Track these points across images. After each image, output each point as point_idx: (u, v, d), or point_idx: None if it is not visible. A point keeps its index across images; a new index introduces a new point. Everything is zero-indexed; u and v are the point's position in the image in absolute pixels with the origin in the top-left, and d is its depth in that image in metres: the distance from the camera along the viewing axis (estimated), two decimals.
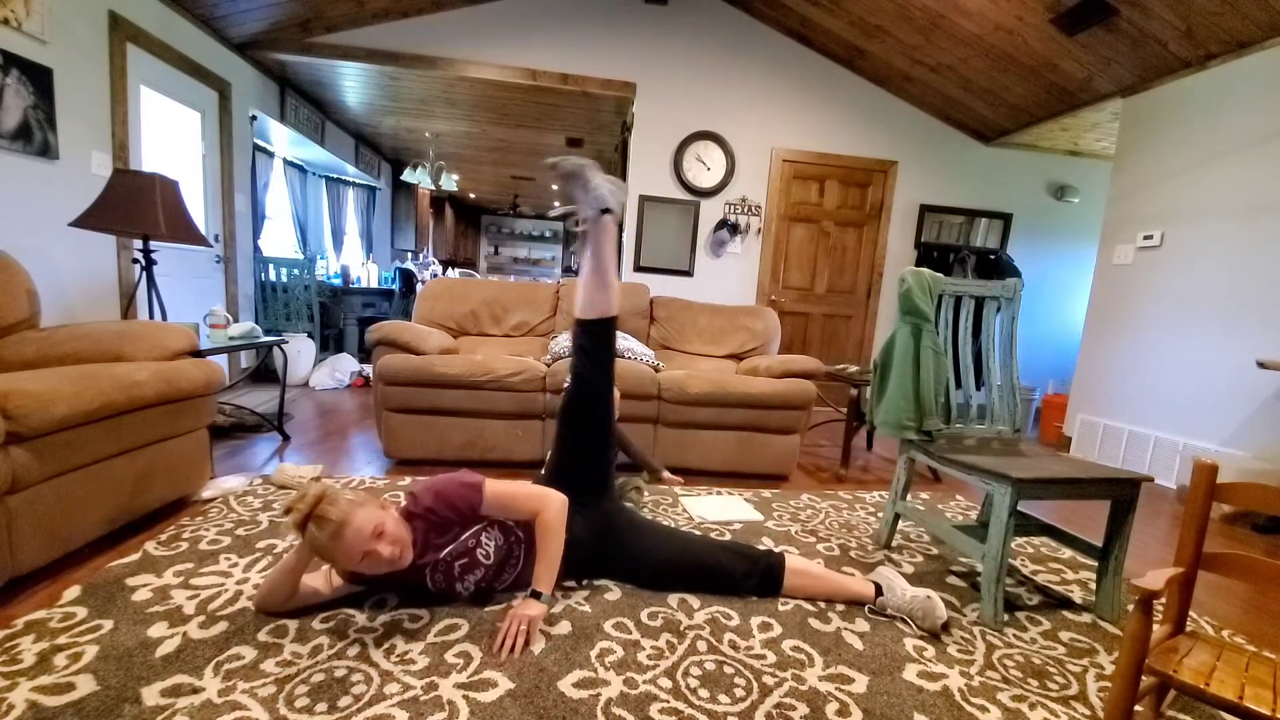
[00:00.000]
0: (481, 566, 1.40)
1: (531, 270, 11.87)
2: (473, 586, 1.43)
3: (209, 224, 3.85)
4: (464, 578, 1.40)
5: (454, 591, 1.41)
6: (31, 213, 2.59)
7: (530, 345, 3.13)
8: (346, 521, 1.19)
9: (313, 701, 1.07)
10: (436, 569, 1.37)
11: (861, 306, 4.88)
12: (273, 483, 2.16)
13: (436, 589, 1.40)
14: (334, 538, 1.19)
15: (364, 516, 1.21)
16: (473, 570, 1.40)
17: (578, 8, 4.23)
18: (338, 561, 1.25)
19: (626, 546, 1.58)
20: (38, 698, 1.03)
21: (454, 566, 1.38)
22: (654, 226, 4.51)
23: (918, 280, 1.86)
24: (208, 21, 3.57)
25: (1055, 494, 1.56)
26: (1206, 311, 3.09)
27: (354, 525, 1.19)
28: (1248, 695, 0.87)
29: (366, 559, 1.22)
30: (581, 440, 1.61)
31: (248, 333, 2.72)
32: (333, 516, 1.18)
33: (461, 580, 1.40)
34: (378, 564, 1.23)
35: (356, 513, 1.21)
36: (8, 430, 1.28)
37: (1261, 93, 2.90)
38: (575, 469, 1.61)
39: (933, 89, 4.36)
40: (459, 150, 7.07)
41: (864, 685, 1.23)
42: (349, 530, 1.19)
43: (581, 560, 1.53)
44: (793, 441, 2.68)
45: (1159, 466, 3.22)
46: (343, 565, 1.27)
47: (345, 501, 1.22)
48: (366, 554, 1.21)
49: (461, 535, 1.38)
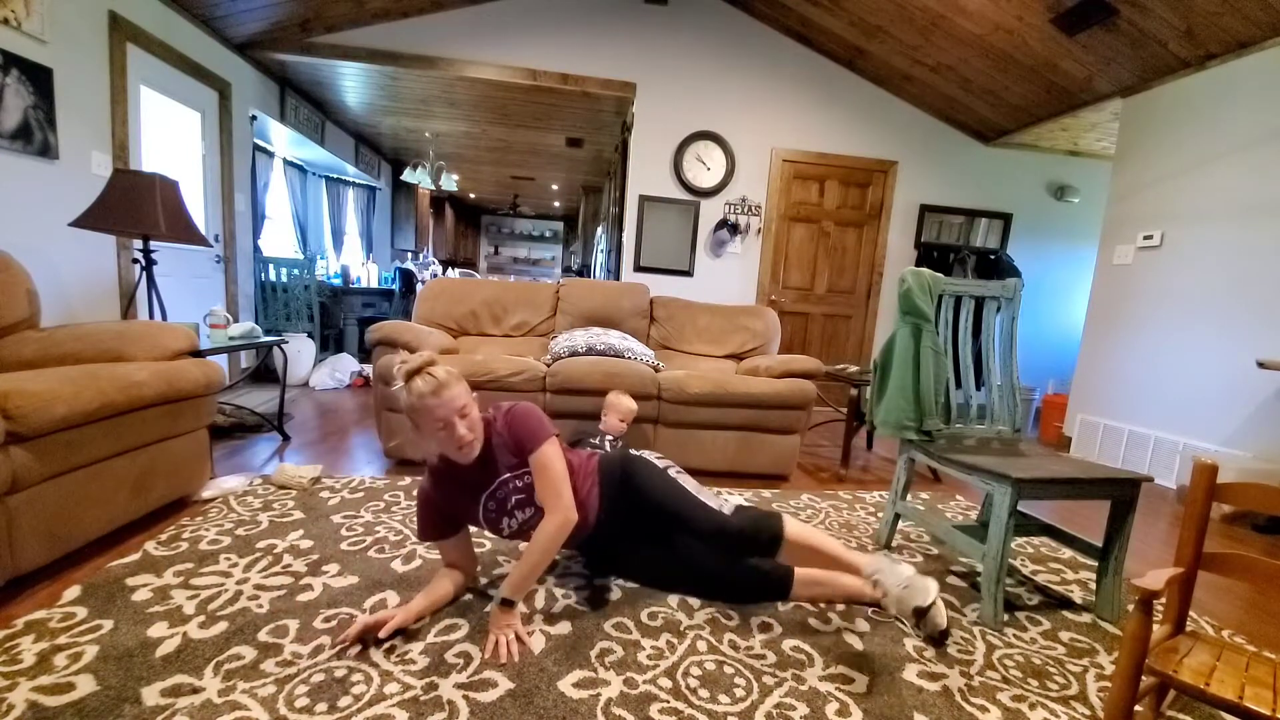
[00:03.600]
0: (534, 506, 1.39)
1: (531, 270, 11.87)
2: (518, 526, 1.42)
3: (209, 224, 3.85)
4: (514, 513, 1.41)
5: (499, 525, 1.42)
6: (31, 213, 2.59)
7: (530, 345, 3.13)
8: (446, 384, 1.27)
9: (313, 701, 1.07)
10: (495, 492, 1.39)
11: (861, 306, 4.88)
12: (273, 483, 2.16)
13: (487, 516, 1.41)
14: (432, 394, 1.25)
15: (460, 390, 1.30)
16: (524, 508, 1.40)
17: (578, 8, 4.23)
18: (421, 424, 1.29)
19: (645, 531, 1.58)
20: (38, 698, 1.03)
21: (510, 497, 1.39)
22: (654, 226, 4.51)
23: (918, 280, 1.86)
24: (208, 21, 3.57)
25: (1055, 494, 1.56)
26: (1206, 311, 3.09)
27: (452, 391, 1.27)
28: (1248, 695, 0.87)
29: (444, 430, 1.28)
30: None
31: (248, 333, 2.72)
32: (439, 375, 1.28)
33: (511, 515, 1.41)
34: (450, 441, 1.29)
35: (456, 383, 1.30)
36: (8, 430, 1.28)
37: (1261, 93, 2.90)
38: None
39: (933, 89, 4.36)
40: (459, 150, 7.07)
41: (864, 685, 1.23)
42: (446, 393, 1.26)
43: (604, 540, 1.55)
44: (793, 441, 2.68)
45: (1159, 466, 3.22)
46: (424, 428, 1.30)
47: (453, 371, 1.32)
48: (446, 425, 1.27)
49: (527, 468, 1.38)
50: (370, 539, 1.77)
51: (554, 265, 11.95)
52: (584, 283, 3.34)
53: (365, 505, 2.03)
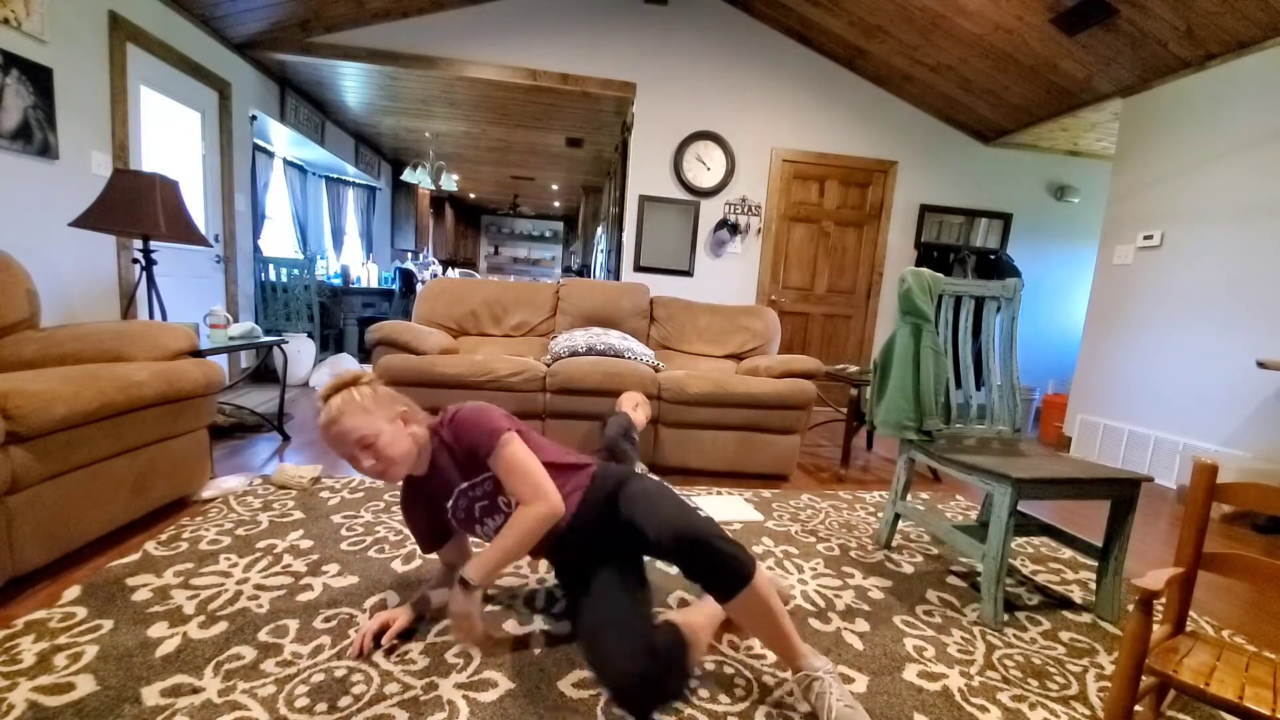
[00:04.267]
0: (503, 514, 1.28)
1: (531, 270, 11.87)
2: (493, 532, 1.30)
3: (209, 224, 3.85)
4: (484, 520, 1.31)
5: (473, 532, 1.35)
6: (31, 213, 2.59)
7: (530, 345, 3.13)
8: (337, 419, 1.17)
9: (313, 701, 1.07)
10: (459, 499, 1.30)
11: (861, 306, 4.87)
12: (273, 483, 2.16)
13: (457, 521, 1.33)
14: (324, 426, 1.18)
15: (354, 424, 1.18)
16: (493, 515, 1.29)
17: (578, 8, 4.23)
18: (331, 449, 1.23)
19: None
20: (38, 698, 1.03)
21: (474, 505, 1.30)
22: (654, 226, 4.51)
23: (918, 280, 1.86)
24: (208, 21, 3.57)
25: (1055, 494, 1.56)
26: (1206, 311, 3.09)
27: (343, 425, 1.17)
28: (1248, 695, 0.87)
29: (351, 463, 1.20)
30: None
31: (248, 333, 2.71)
32: (332, 408, 1.18)
33: (481, 523, 1.31)
34: (361, 470, 1.20)
35: (355, 415, 1.18)
36: (8, 430, 1.28)
37: (1261, 93, 2.90)
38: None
39: (933, 89, 4.36)
40: (459, 150, 7.07)
41: (864, 685, 1.23)
42: (335, 428, 1.17)
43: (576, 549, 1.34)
44: (793, 441, 2.68)
45: (1159, 466, 3.22)
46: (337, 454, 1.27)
47: (356, 400, 1.20)
48: (349, 458, 1.20)
49: (487, 474, 1.27)
50: (370, 539, 1.77)
51: (554, 265, 11.95)
52: (584, 283, 3.34)
53: (365, 505, 2.04)
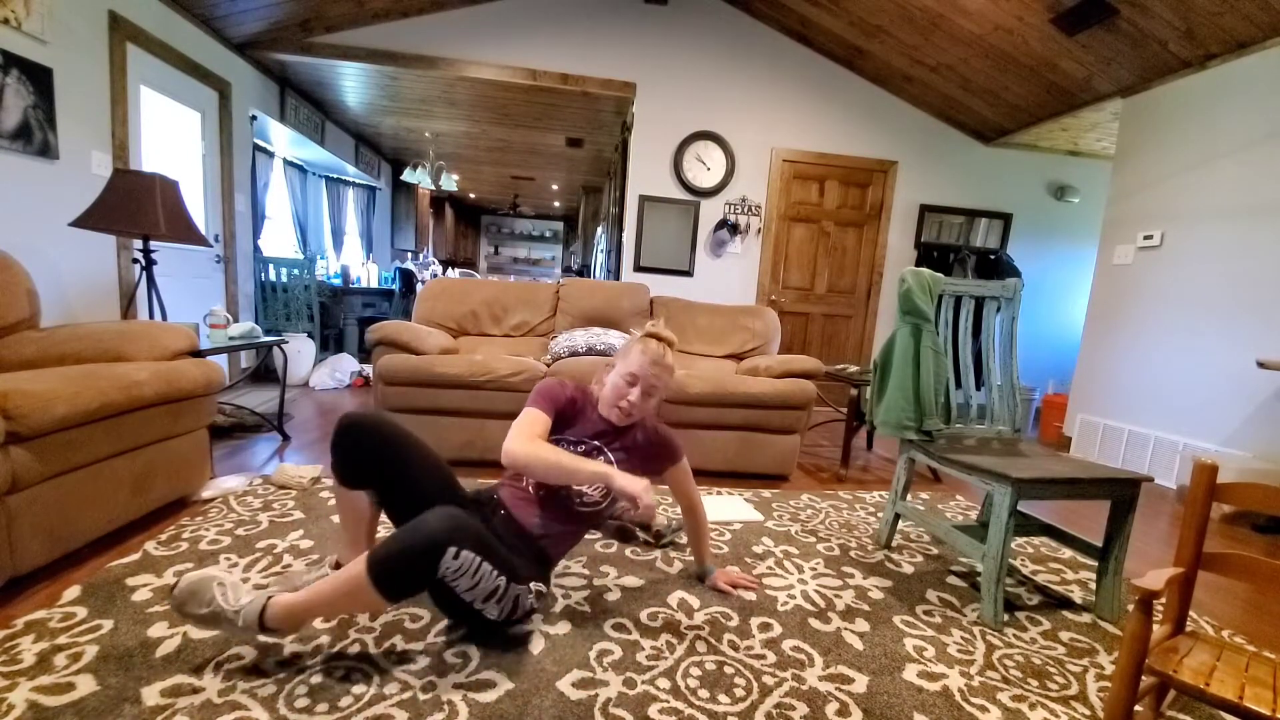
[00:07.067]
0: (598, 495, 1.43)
1: (531, 270, 11.87)
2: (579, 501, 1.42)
3: (209, 224, 3.85)
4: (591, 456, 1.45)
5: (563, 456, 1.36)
6: (31, 213, 2.59)
7: (530, 345, 3.13)
8: (669, 367, 1.47)
9: (313, 701, 1.07)
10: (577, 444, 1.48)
11: (861, 306, 4.88)
12: (273, 483, 2.16)
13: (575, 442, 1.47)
14: (652, 363, 1.43)
15: (666, 380, 1.48)
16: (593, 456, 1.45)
17: (578, 8, 4.23)
18: (623, 366, 1.46)
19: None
20: (38, 698, 1.03)
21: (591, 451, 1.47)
22: (654, 226, 4.51)
23: (918, 280, 1.86)
24: (208, 21, 3.57)
25: (1055, 494, 1.56)
26: (1206, 311, 3.09)
27: (663, 372, 1.46)
28: (1248, 695, 0.87)
29: (627, 382, 1.44)
30: None
31: (248, 333, 2.71)
32: (668, 358, 1.47)
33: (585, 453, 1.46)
34: (618, 392, 1.44)
35: (669, 373, 1.49)
36: (8, 430, 1.28)
37: (1261, 93, 2.90)
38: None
39: (933, 89, 4.36)
40: (459, 150, 7.07)
41: (864, 685, 1.23)
42: (660, 368, 1.45)
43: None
44: (793, 441, 2.68)
45: (1159, 466, 3.22)
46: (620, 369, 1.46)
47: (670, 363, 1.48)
48: (634, 382, 1.43)
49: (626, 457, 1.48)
50: None
51: (554, 265, 11.95)
52: (584, 283, 3.34)
53: None
